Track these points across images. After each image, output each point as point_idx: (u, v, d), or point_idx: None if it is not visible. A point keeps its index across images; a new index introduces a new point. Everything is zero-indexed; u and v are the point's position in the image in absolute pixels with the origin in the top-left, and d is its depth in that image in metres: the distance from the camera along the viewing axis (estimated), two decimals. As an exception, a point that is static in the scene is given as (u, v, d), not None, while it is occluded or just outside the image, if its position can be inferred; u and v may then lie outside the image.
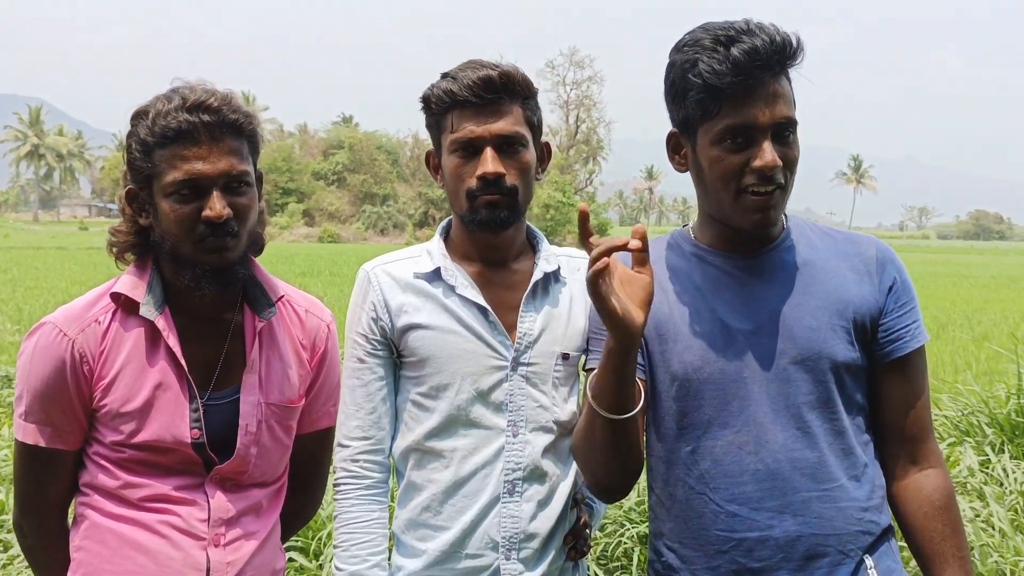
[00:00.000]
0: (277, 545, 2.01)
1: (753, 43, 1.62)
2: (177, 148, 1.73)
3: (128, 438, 1.79)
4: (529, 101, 1.98)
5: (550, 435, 1.99)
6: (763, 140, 1.66)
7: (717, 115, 1.67)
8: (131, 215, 1.85)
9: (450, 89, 1.91)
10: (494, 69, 1.91)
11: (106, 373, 1.80)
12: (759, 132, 1.66)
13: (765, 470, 1.71)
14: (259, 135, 1.88)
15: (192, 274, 1.80)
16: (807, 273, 1.79)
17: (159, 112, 1.74)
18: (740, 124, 1.66)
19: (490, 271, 2.02)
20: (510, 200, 1.93)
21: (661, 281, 1.84)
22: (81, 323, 1.80)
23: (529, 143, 1.96)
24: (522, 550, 1.95)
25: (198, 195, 1.74)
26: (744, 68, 1.62)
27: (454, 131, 1.92)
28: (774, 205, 1.70)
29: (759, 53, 1.62)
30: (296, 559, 4.03)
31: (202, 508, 1.83)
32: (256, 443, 1.89)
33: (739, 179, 1.69)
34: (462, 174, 1.93)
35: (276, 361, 1.95)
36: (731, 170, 1.69)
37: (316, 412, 2.07)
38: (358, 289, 2.05)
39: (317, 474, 2.17)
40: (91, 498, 1.84)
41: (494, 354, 1.96)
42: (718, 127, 1.68)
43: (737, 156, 1.68)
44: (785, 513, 1.71)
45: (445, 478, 1.95)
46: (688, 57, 1.69)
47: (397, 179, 78.36)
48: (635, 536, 4.50)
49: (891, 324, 1.79)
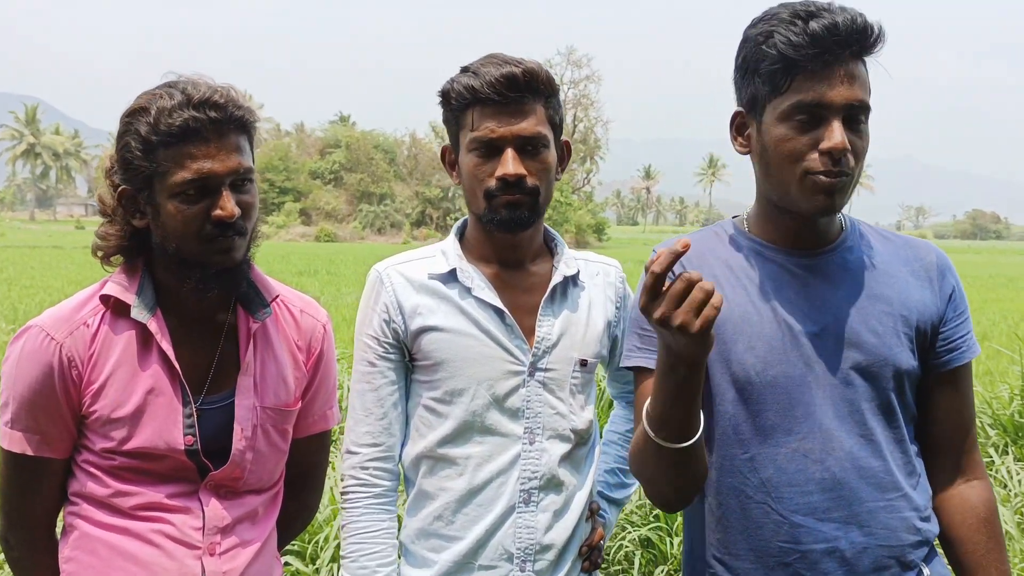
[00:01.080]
0: (274, 553, 1.95)
1: (834, 19, 1.55)
2: (184, 147, 1.67)
3: (119, 445, 1.73)
4: (552, 100, 1.91)
5: (567, 443, 1.94)
6: (833, 120, 1.57)
7: (787, 90, 1.59)
8: (123, 216, 1.79)
9: (471, 85, 1.84)
10: (517, 66, 1.84)
11: (95, 378, 1.74)
12: (831, 112, 1.57)
13: (832, 479, 1.65)
14: (257, 128, 1.82)
15: (201, 275, 1.74)
16: (871, 276, 1.73)
17: (162, 109, 1.66)
18: (811, 101, 1.57)
19: (507, 273, 1.96)
20: (531, 200, 1.87)
21: (716, 277, 1.75)
22: (69, 326, 1.74)
23: (551, 143, 1.90)
24: (537, 561, 1.90)
25: (205, 194, 1.69)
26: (822, 42, 1.55)
27: (474, 129, 1.85)
28: (841, 190, 1.60)
29: (839, 29, 1.55)
30: (292, 563, 3.99)
31: (196, 516, 1.77)
32: (252, 448, 1.83)
33: (805, 161, 1.60)
34: (481, 174, 1.87)
35: (271, 363, 1.89)
36: (797, 150, 1.60)
37: (312, 416, 2.01)
38: (369, 290, 1.99)
39: (314, 479, 2.12)
40: (81, 507, 1.78)
41: (511, 359, 1.90)
42: (787, 103, 1.59)
43: (805, 136, 1.59)
44: (851, 524, 1.65)
45: (459, 486, 1.90)
46: (763, 30, 1.61)
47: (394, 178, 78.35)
48: (636, 539, 4.47)
49: (950, 334, 1.74)
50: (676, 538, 4.39)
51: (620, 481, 2.22)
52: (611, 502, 2.19)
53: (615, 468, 2.22)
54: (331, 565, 3.98)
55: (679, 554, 4.31)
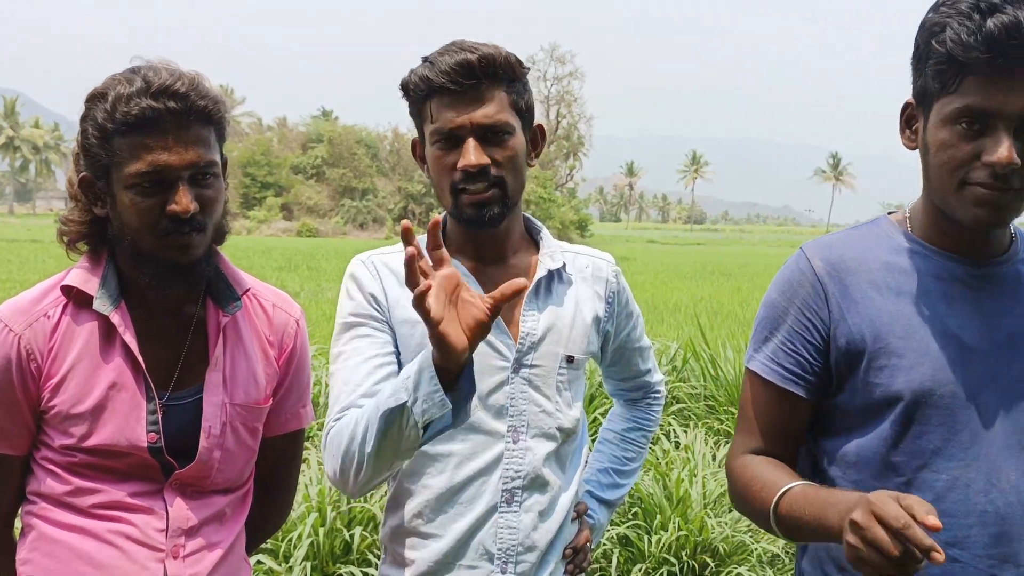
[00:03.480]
0: (242, 556, 1.88)
1: (1017, 16, 1.37)
2: (139, 137, 1.60)
3: (79, 441, 1.67)
4: (515, 84, 1.83)
5: (552, 442, 1.88)
6: (1003, 132, 1.41)
7: (956, 91, 1.43)
8: (85, 204, 1.72)
9: (427, 76, 1.77)
10: (473, 52, 1.76)
11: (55, 372, 1.67)
12: (1001, 121, 1.41)
13: (995, 513, 1.51)
14: (226, 121, 1.75)
15: (154, 271, 1.68)
16: None
17: (119, 96, 1.60)
18: (980, 108, 1.41)
19: (488, 267, 1.90)
20: (499, 193, 1.80)
21: (875, 280, 1.59)
22: (28, 317, 1.68)
23: (516, 129, 1.82)
24: (519, 563, 1.85)
25: (162, 187, 1.62)
26: (997, 44, 1.37)
27: (434, 120, 1.79)
28: (1004, 206, 1.45)
29: (1020, 30, 1.37)
30: (264, 562, 3.93)
31: (160, 517, 1.71)
32: (220, 447, 1.77)
33: (966, 171, 1.45)
34: (444, 166, 1.80)
35: (241, 359, 1.83)
36: (958, 158, 1.45)
37: (284, 414, 1.95)
38: (353, 277, 1.88)
39: (285, 480, 2.05)
40: (39, 506, 1.72)
41: (495, 354, 1.85)
42: (954, 105, 1.43)
43: (969, 144, 1.44)
44: (1008, 563, 1.51)
45: (439, 484, 1.84)
46: (939, 20, 1.44)
47: (376, 173, 78.15)
48: (614, 537, 4.44)
49: None
50: (654, 536, 4.37)
51: (613, 481, 2.17)
52: (602, 503, 2.14)
53: (609, 468, 2.17)
54: (304, 564, 3.93)
55: (657, 552, 4.29)
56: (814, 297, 1.61)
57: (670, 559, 4.27)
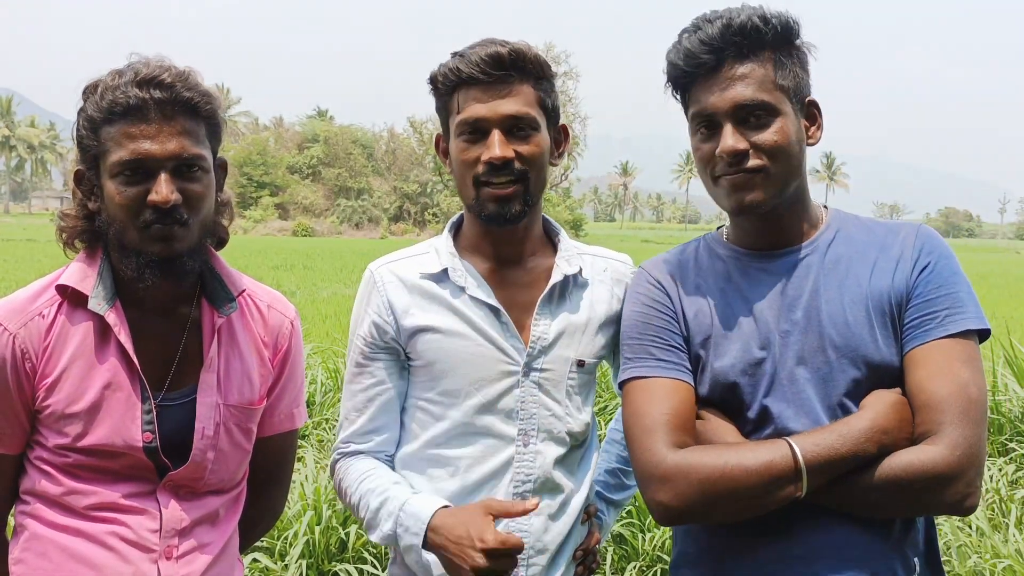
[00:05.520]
0: (235, 556, 1.89)
1: (709, 31, 1.64)
2: (124, 125, 1.61)
3: (74, 441, 1.67)
4: (543, 82, 1.85)
5: (562, 446, 1.89)
6: (725, 125, 1.64)
7: (689, 103, 1.71)
8: (80, 198, 1.73)
9: (456, 66, 1.80)
10: (504, 46, 1.79)
11: (50, 371, 1.68)
12: (721, 117, 1.65)
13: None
14: (220, 118, 1.75)
15: (136, 263, 1.67)
16: (843, 269, 1.71)
17: (108, 86, 1.61)
18: (700, 111, 1.67)
19: (504, 268, 1.90)
20: (521, 189, 1.81)
21: (699, 286, 1.79)
22: (23, 316, 1.68)
23: (542, 126, 1.84)
24: (531, 565, 1.86)
25: (145, 177, 1.62)
26: (698, 56, 1.66)
27: (460, 111, 1.80)
28: (754, 187, 1.65)
29: (714, 38, 1.64)
30: (260, 560, 3.93)
31: (153, 517, 1.71)
32: (213, 447, 1.77)
33: (712, 166, 1.68)
34: (468, 158, 1.81)
35: (236, 360, 1.83)
36: (704, 158, 1.69)
37: (278, 415, 1.95)
38: (363, 290, 1.94)
39: (279, 481, 2.06)
40: (32, 506, 1.72)
41: (505, 358, 1.85)
42: (691, 113, 1.71)
43: (707, 144, 1.69)
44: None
45: (450, 487, 1.85)
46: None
47: (372, 173, 78.14)
48: (609, 536, 4.44)
49: (913, 312, 1.65)
50: (648, 534, 4.38)
51: (620, 482, 2.17)
52: (610, 504, 2.14)
53: (616, 469, 2.17)
54: (300, 562, 3.93)
55: (651, 550, 4.31)
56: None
57: (663, 557, 4.28)
